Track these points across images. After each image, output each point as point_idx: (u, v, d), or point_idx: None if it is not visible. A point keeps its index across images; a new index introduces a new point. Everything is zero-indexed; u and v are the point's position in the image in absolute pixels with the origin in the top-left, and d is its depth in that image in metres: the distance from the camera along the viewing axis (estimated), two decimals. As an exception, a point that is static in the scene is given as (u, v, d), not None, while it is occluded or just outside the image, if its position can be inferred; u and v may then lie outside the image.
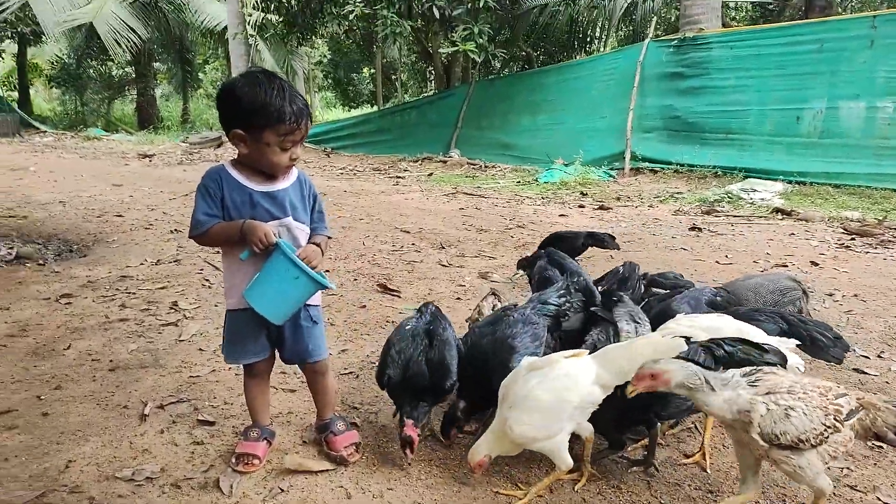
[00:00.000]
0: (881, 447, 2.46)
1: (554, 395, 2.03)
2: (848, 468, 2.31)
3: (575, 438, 2.13)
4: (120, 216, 7.06)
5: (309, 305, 2.25)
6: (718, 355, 2.06)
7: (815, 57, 9.84)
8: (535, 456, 2.24)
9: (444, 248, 5.90)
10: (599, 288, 2.93)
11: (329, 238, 2.32)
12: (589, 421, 2.13)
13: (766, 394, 1.83)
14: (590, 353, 2.17)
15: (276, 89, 1.99)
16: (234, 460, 2.25)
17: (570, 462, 2.07)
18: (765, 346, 2.13)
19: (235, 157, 2.16)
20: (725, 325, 2.50)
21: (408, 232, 6.57)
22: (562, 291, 2.80)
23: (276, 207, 2.14)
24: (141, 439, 2.43)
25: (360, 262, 5.33)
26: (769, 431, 1.79)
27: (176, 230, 6.40)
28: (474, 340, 2.50)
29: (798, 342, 2.48)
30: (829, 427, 1.78)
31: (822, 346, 2.58)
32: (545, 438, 2.04)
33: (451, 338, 2.51)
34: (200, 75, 29.44)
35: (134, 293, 4.32)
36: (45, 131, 21.19)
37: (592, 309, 2.72)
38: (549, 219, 7.52)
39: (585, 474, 2.20)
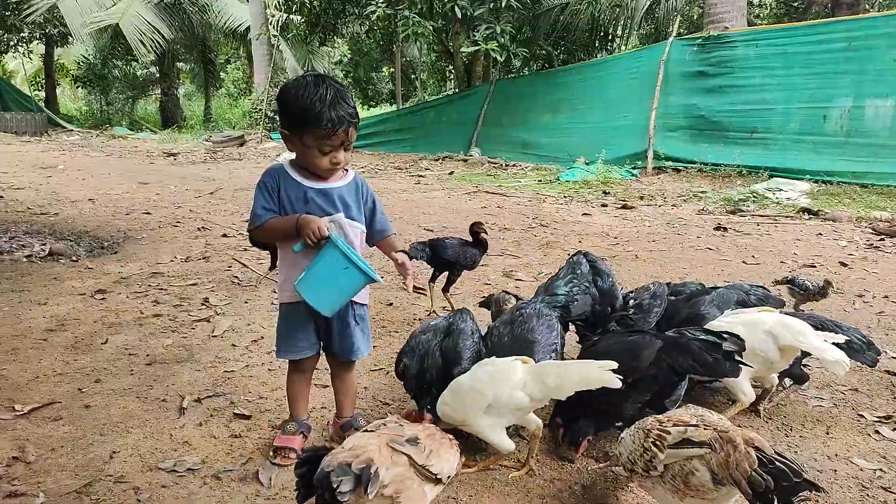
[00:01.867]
0: (916, 449, 2.45)
1: (471, 385, 2.15)
2: (881, 470, 2.30)
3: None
4: (148, 213, 7.19)
5: (356, 303, 2.31)
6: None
7: (842, 55, 9.71)
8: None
9: (467, 246, 5.92)
10: (631, 302, 2.94)
11: (395, 235, 2.45)
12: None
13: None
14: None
15: (320, 94, 2.05)
16: (272, 453, 2.30)
17: (506, 446, 2.12)
18: (723, 335, 2.21)
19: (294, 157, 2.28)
20: (766, 318, 2.52)
21: (431, 230, 6.61)
22: (568, 277, 2.87)
23: (328, 204, 2.22)
24: (181, 432, 2.48)
25: (384, 260, 5.35)
26: (617, 454, 1.95)
27: (203, 227, 6.50)
28: (495, 342, 2.52)
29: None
30: (647, 450, 1.75)
31: (857, 349, 2.59)
32: (461, 422, 2.18)
33: (471, 329, 2.55)
34: (222, 75, 29.79)
35: (166, 289, 4.40)
36: (72, 130, 21.61)
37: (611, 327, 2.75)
38: (571, 217, 7.51)
39: (525, 468, 2.24)
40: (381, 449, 1.65)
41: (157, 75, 26.96)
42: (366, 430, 1.78)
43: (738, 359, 2.19)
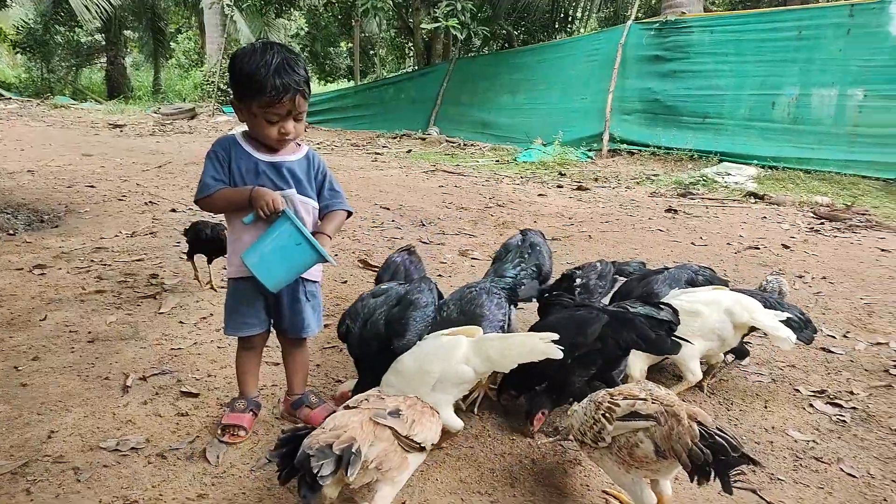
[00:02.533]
0: (844, 421, 2.57)
1: (416, 363, 2.14)
2: (814, 441, 2.41)
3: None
4: (91, 187, 6.91)
5: (308, 280, 2.27)
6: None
7: (792, 44, 9.97)
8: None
9: (424, 225, 5.91)
10: (578, 280, 2.97)
11: (349, 213, 2.34)
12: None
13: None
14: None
15: (266, 61, 1.99)
16: (220, 431, 2.26)
17: (455, 424, 2.12)
18: (661, 305, 2.35)
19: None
20: (723, 297, 2.60)
21: (388, 209, 6.56)
22: (516, 261, 2.91)
23: (279, 178, 2.17)
24: (124, 410, 2.41)
25: (340, 237, 5.31)
26: (569, 425, 1.99)
27: (151, 202, 6.29)
28: (444, 317, 2.50)
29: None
30: (597, 421, 1.81)
31: (795, 327, 2.70)
32: None
33: (425, 302, 2.46)
34: (173, 45, 28.63)
35: (110, 265, 4.25)
36: (10, 98, 20.54)
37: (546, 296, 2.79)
38: (528, 198, 7.56)
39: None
40: (364, 426, 1.66)
41: (103, 43, 25.75)
42: (347, 407, 1.78)
43: (678, 336, 2.27)
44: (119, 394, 2.55)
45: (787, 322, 2.62)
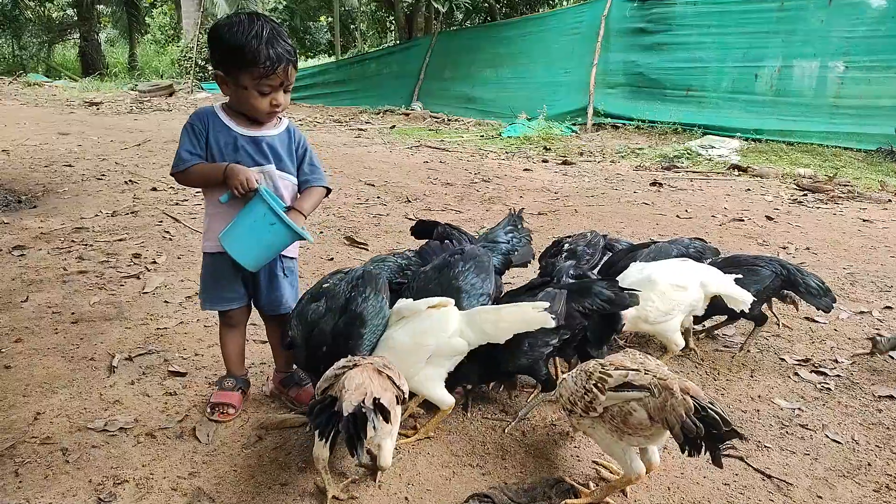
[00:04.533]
0: (829, 388, 2.62)
1: (411, 338, 2.11)
2: (800, 409, 2.45)
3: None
4: (69, 166, 6.77)
5: (285, 257, 2.23)
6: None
7: (775, 15, 9.97)
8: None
9: (409, 201, 5.87)
10: (566, 245, 2.97)
11: (328, 190, 2.29)
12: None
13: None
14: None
15: (256, 31, 1.93)
16: (209, 410, 2.25)
17: (447, 401, 2.12)
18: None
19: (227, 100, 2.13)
20: (694, 270, 2.62)
21: (372, 185, 6.50)
22: (508, 227, 2.91)
23: (259, 154, 2.11)
24: (111, 391, 2.39)
25: (325, 214, 5.26)
26: (557, 394, 1.99)
27: (131, 181, 6.18)
28: (421, 287, 2.40)
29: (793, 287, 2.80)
30: (588, 391, 1.83)
31: (815, 294, 2.77)
32: (408, 376, 2.05)
33: (374, 310, 2.19)
34: (147, 20, 27.94)
35: (91, 245, 4.18)
36: (-20, 76, 19.96)
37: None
38: (513, 173, 7.53)
39: (420, 433, 2.17)
40: (374, 379, 1.77)
41: (75, 18, 25.03)
42: (346, 367, 1.82)
43: (630, 289, 2.33)
44: (105, 374, 2.52)
45: (806, 290, 2.77)
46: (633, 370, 1.78)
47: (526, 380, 2.55)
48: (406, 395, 1.90)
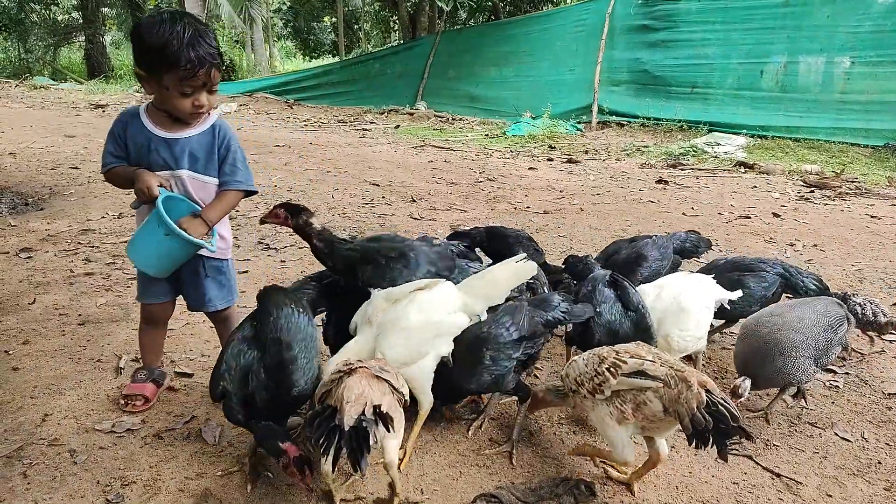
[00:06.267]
0: (838, 386, 2.60)
1: (422, 315, 2.06)
2: (809, 407, 2.43)
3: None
4: (76, 168, 6.79)
5: (209, 258, 2.23)
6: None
7: (780, 11, 9.91)
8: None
9: (414, 201, 5.86)
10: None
11: (246, 192, 2.22)
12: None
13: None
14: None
15: (177, 32, 1.92)
16: (122, 401, 2.28)
17: (430, 398, 2.10)
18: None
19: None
20: (706, 291, 2.56)
21: (377, 185, 6.50)
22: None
23: (170, 156, 2.09)
24: (118, 392, 2.39)
25: (330, 214, 5.26)
26: (563, 374, 2.03)
27: (137, 183, 6.19)
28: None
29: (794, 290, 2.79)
30: (599, 374, 1.84)
31: (814, 293, 2.76)
32: (418, 358, 2.05)
33: (289, 338, 1.91)
34: (152, 22, 27.99)
35: (97, 247, 4.19)
36: (-13, 80, 20.07)
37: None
38: (518, 172, 7.52)
39: (408, 451, 2.08)
40: (372, 386, 1.72)
41: (81, 21, 25.13)
42: (342, 372, 1.77)
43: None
44: (112, 376, 2.52)
45: (804, 292, 2.77)
46: (648, 360, 1.81)
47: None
48: (407, 398, 1.86)
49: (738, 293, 2.61)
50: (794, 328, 2.25)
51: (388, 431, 1.64)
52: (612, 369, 1.82)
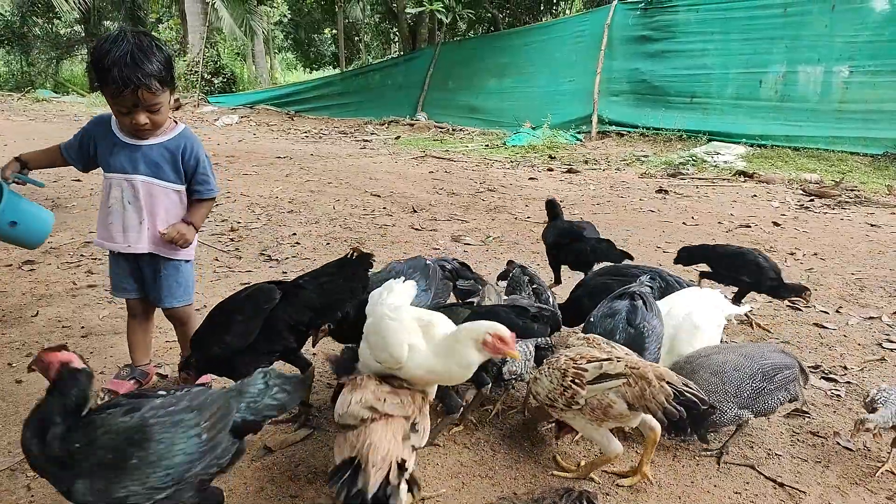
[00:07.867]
0: (839, 395, 2.60)
1: (389, 314, 1.90)
2: (810, 416, 2.44)
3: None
4: (78, 181, 6.81)
5: (170, 259, 2.33)
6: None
7: (779, 21, 9.98)
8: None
9: (415, 211, 5.89)
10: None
11: (210, 200, 2.37)
12: None
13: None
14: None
15: (112, 51, 1.97)
16: (100, 393, 2.34)
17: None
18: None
19: None
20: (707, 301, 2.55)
21: (378, 196, 6.53)
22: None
23: (128, 161, 2.20)
24: (121, 404, 2.40)
25: (331, 226, 5.28)
26: (533, 392, 2.02)
27: (139, 195, 6.22)
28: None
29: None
30: (567, 388, 1.84)
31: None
32: (392, 364, 1.90)
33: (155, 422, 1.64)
34: (153, 35, 28.20)
35: (100, 259, 4.20)
36: (-10, 93, 20.18)
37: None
38: (518, 182, 7.55)
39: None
40: (397, 435, 1.64)
41: (83, 35, 25.32)
42: (370, 419, 1.67)
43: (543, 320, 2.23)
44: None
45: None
46: (605, 360, 1.83)
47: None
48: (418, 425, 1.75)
49: (748, 307, 2.63)
50: (713, 371, 2.11)
51: (413, 497, 1.62)
52: (577, 381, 1.84)
